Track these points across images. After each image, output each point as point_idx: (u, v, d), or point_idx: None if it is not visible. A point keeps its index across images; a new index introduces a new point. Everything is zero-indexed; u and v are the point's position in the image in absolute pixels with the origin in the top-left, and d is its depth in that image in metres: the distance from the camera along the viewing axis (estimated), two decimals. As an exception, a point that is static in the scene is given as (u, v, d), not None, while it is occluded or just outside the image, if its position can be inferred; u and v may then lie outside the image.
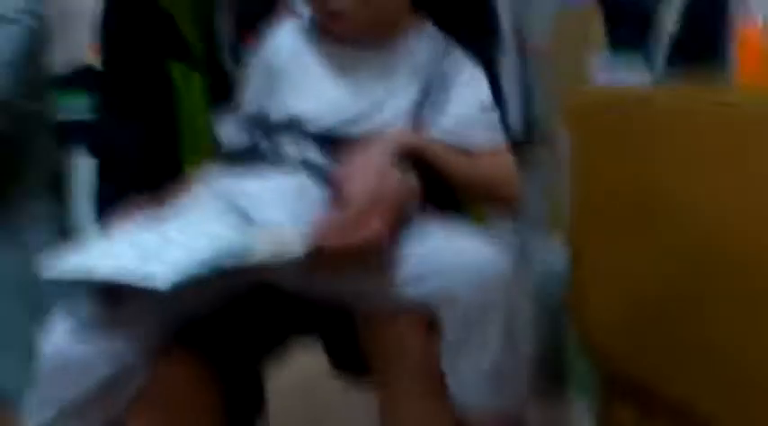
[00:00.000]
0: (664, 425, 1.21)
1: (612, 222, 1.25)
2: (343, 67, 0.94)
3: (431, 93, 0.93)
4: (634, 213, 1.18)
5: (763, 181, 0.95)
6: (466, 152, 0.92)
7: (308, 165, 0.89)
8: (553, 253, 1.67)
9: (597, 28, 1.60)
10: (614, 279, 1.27)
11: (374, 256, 0.80)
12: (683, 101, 1.09)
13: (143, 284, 0.73)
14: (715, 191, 1.02)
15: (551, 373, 1.68)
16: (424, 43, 0.96)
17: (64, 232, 1.32)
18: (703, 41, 1.36)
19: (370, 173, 0.84)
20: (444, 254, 0.81)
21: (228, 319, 0.94)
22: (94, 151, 1.09)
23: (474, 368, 0.81)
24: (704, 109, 1.04)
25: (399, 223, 0.83)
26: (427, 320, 0.82)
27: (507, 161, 0.95)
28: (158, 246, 0.79)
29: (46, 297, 1.16)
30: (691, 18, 1.34)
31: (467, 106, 0.94)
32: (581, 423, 1.60)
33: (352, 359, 0.98)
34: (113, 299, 0.81)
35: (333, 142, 0.91)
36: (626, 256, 1.22)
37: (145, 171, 1.03)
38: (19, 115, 1.19)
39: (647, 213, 1.15)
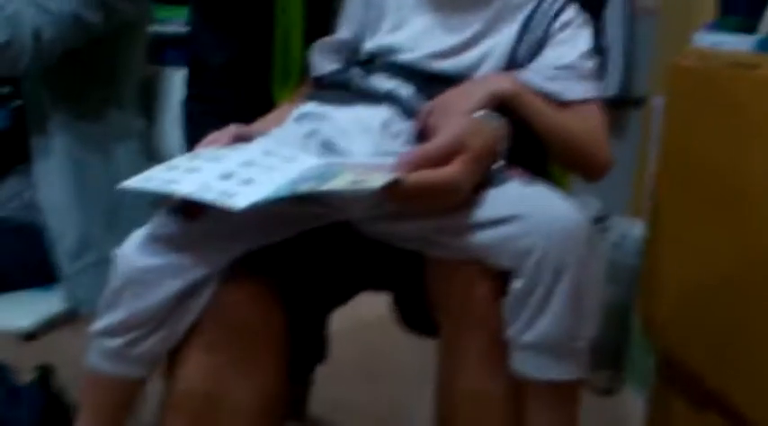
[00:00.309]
0: (713, 419, 1.17)
1: (696, 196, 1.20)
2: (441, 2, 0.92)
3: (529, 33, 0.91)
4: (719, 189, 1.14)
5: None
6: (558, 101, 0.89)
7: (395, 98, 0.88)
8: (632, 228, 1.63)
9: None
10: (687, 257, 1.23)
11: (451, 197, 0.78)
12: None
13: (221, 202, 0.73)
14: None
15: (612, 362, 1.65)
16: None
17: (151, 149, 1.32)
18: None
19: (461, 114, 0.82)
20: (523, 204, 0.78)
21: (304, 260, 0.93)
22: (187, 65, 1.08)
23: (535, 324, 0.78)
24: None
25: (482, 169, 0.80)
26: (495, 273, 0.80)
27: (601, 122, 0.91)
28: (240, 167, 0.79)
29: (129, 210, 1.17)
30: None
31: (565, 51, 0.90)
32: (636, 413, 1.57)
33: (421, 319, 0.96)
34: (189, 216, 0.81)
35: (423, 76, 0.90)
36: (703, 234, 1.17)
37: (235, 91, 1.03)
38: (113, 16, 1.17)
39: (732, 191, 1.10)
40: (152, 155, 1.29)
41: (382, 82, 0.90)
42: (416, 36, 0.92)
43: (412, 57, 0.91)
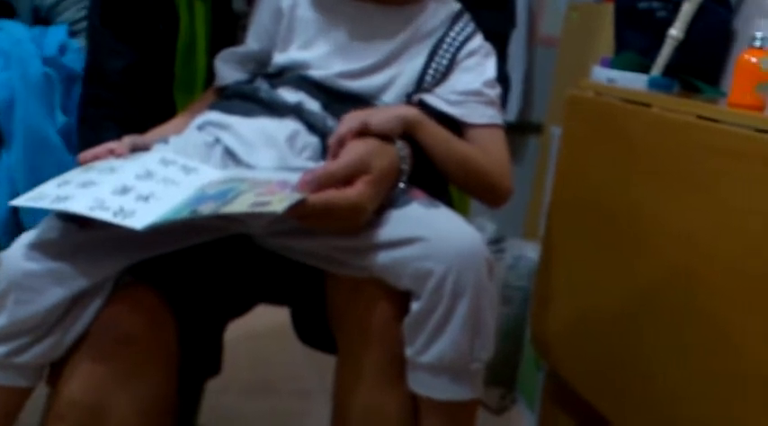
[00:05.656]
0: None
1: (587, 224, 1.24)
2: (354, 21, 0.92)
3: (437, 59, 0.93)
4: (608, 219, 1.17)
5: (736, 213, 0.92)
6: (462, 124, 0.91)
7: (301, 112, 0.88)
8: (527, 250, 1.67)
9: (607, 24, 1.59)
10: (577, 282, 1.26)
11: (355, 219, 0.79)
12: (674, 110, 1.08)
13: (119, 221, 0.71)
14: (688, 213, 1.00)
15: (504, 381, 1.69)
16: (439, 10, 0.95)
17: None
18: (705, 55, 1.36)
19: (368, 137, 0.83)
20: (425, 226, 0.80)
21: (198, 271, 0.92)
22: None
23: (433, 346, 0.79)
24: (690, 122, 1.03)
25: (385, 190, 0.81)
26: (395, 293, 0.81)
27: (504, 150, 0.93)
28: (137, 180, 0.77)
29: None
30: (696, 30, 1.34)
31: (471, 78, 0.93)
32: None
33: (318, 334, 0.96)
34: (81, 223, 0.79)
35: (330, 93, 0.90)
36: (592, 261, 1.21)
37: (133, 96, 1.00)
38: None
39: (621, 222, 1.14)
40: None
41: (289, 94, 0.90)
42: (327, 55, 0.92)
43: (321, 73, 0.91)
